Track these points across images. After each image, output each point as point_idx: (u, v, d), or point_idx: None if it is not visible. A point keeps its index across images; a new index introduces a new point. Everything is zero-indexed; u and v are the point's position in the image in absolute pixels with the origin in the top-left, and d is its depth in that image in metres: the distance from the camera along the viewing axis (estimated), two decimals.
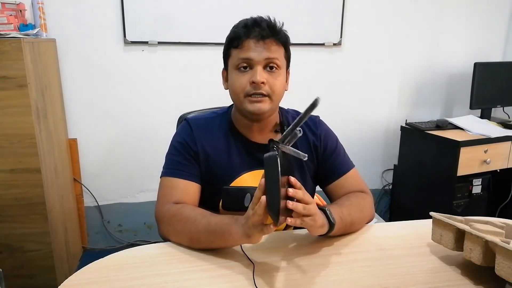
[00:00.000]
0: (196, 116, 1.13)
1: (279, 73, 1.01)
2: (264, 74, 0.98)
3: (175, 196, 1.00)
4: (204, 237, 0.90)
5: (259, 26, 0.98)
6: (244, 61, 0.98)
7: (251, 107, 0.99)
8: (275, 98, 1.01)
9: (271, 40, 0.99)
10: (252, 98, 0.99)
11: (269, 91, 0.99)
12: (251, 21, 1.00)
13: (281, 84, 1.02)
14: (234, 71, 1.01)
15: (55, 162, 1.92)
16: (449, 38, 2.64)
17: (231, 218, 0.88)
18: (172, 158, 1.06)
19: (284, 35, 1.02)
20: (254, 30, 0.98)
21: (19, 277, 1.81)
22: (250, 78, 0.98)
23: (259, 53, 0.97)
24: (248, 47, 0.98)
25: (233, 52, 1.01)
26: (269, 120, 1.07)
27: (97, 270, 0.85)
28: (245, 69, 0.99)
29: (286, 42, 1.03)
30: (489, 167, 2.23)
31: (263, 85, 0.98)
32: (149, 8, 2.12)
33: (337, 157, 1.12)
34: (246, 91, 0.99)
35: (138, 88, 2.24)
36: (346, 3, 2.37)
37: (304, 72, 2.43)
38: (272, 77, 0.99)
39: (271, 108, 1.02)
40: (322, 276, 0.84)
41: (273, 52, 0.99)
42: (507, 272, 0.73)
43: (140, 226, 2.42)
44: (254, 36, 0.97)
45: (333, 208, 0.96)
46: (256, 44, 0.98)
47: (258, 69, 0.97)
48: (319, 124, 1.15)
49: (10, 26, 1.73)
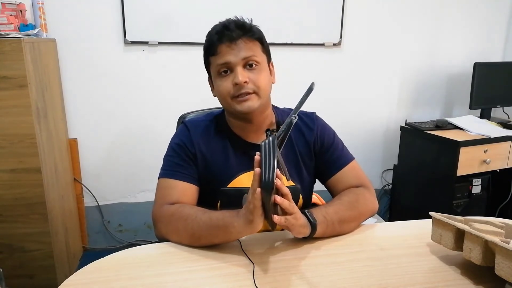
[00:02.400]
0: (193, 119, 1.15)
1: (260, 68, 1.01)
2: (245, 73, 0.99)
3: (172, 197, 1.00)
4: (206, 233, 0.91)
5: (228, 29, 1.00)
6: (223, 66, 1.00)
7: (240, 107, 1.00)
8: (262, 93, 1.01)
9: (244, 39, 1.00)
10: (239, 99, 1.00)
11: (254, 87, 1.00)
12: (220, 26, 1.02)
13: (265, 79, 1.02)
14: (216, 77, 1.03)
15: (55, 162, 1.92)
16: (449, 38, 2.64)
17: (232, 211, 0.90)
18: (170, 159, 1.06)
19: (257, 30, 1.03)
20: (224, 34, 0.99)
21: (19, 277, 1.81)
22: (233, 80, 0.99)
23: (235, 55, 0.99)
24: (223, 52, 0.99)
25: (211, 60, 1.03)
26: (263, 119, 1.07)
27: (97, 270, 0.85)
28: (226, 73, 1.00)
29: (260, 36, 1.04)
30: (489, 167, 2.23)
31: (246, 84, 0.99)
32: (149, 8, 2.12)
33: (334, 151, 1.12)
34: (231, 94, 1.00)
35: (138, 88, 2.24)
36: (346, 3, 2.37)
37: (304, 72, 2.43)
38: (254, 74, 1.00)
39: (261, 103, 1.02)
40: (322, 276, 0.84)
41: (248, 50, 0.99)
42: (507, 272, 0.73)
43: (140, 226, 2.42)
44: (226, 40, 0.99)
45: (318, 208, 0.98)
46: (229, 47, 0.99)
47: (238, 70, 0.99)
48: (315, 119, 1.15)
49: (11, 26, 1.73)
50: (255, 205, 0.82)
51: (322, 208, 0.99)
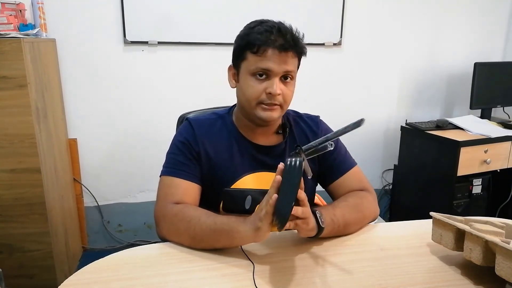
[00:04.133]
0: (198, 117, 1.12)
1: (292, 83, 1.01)
2: (280, 85, 0.98)
3: (175, 196, 0.99)
4: (208, 236, 0.90)
5: (283, 37, 0.95)
6: (263, 70, 0.97)
7: (263, 114, 1.00)
8: (285, 107, 1.02)
9: (293, 52, 0.97)
10: (266, 107, 0.99)
11: (282, 101, 0.99)
12: (276, 29, 0.96)
13: (293, 93, 1.02)
14: (248, 76, 0.99)
15: (55, 162, 1.92)
16: (449, 38, 2.64)
17: (239, 218, 0.89)
18: (173, 157, 1.05)
19: (302, 47, 1.01)
20: (277, 40, 0.95)
21: (19, 277, 1.80)
22: (267, 88, 0.97)
23: (279, 65, 0.96)
24: (268, 57, 0.95)
25: (249, 56, 0.98)
26: (273, 123, 1.07)
27: (97, 270, 0.85)
28: (261, 77, 0.98)
29: (302, 53, 1.02)
30: (489, 167, 2.23)
31: (279, 96, 0.98)
32: (149, 8, 2.12)
33: (337, 156, 1.12)
34: (260, 99, 0.99)
35: (138, 88, 2.24)
36: (346, 3, 2.37)
37: (304, 72, 2.41)
38: (286, 88, 0.99)
39: (280, 115, 1.03)
40: (322, 276, 0.84)
41: (291, 65, 0.98)
42: (507, 272, 0.73)
43: (140, 226, 2.42)
44: (276, 46, 0.95)
45: (326, 209, 0.96)
46: (277, 55, 0.95)
47: (276, 81, 0.97)
48: (319, 123, 1.15)
49: (10, 26, 1.72)
50: (267, 211, 0.80)
51: (330, 209, 0.97)
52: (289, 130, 1.11)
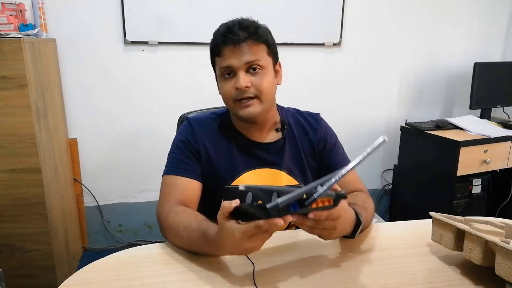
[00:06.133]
0: (197, 116, 1.14)
1: (264, 73, 1.00)
2: (247, 77, 0.98)
3: (176, 195, 1.00)
4: (192, 245, 0.88)
5: (231, 32, 0.97)
6: (226, 69, 0.99)
7: (242, 112, 1.00)
8: (264, 97, 1.01)
9: (248, 42, 0.97)
10: (241, 104, 1.00)
11: (256, 92, 0.99)
12: (224, 28, 1.00)
13: (269, 83, 1.01)
14: (220, 78, 1.03)
15: (55, 162, 1.92)
16: (449, 38, 2.64)
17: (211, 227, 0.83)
18: (174, 156, 1.06)
19: (263, 33, 1.00)
20: (229, 36, 0.97)
21: (19, 277, 1.81)
22: (235, 84, 0.98)
23: (238, 59, 0.97)
24: (226, 55, 0.98)
25: (216, 60, 1.03)
26: (266, 119, 1.07)
27: (97, 270, 0.85)
28: (229, 75, 1.00)
29: (267, 39, 1.01)
30: (489, 167, 2.23)
31: (248, 88, 0.98)
32: (149, 8, 2.12)
33: (336, 154, 1.13)
34: (233, 97, 1.00)
35: (138, 88, 2.24)
36: (346, 3, 2.37)
37: (304, 72, 2.43)
38: (257, 78, 0.99)
39: (263, 108, 1.02)
40: (322, 276, 0.84)
41: (252, 55, 0.97)
42: (507, 272, 0.73)
43: (140, 226, 2.42)
44: (229, 42, 0.97)
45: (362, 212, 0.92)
46: (233, 51, 0.97)
47: (240, 74, 0.98)
48: (320, 121, 1.16)
49: (10, 26, 1.72)
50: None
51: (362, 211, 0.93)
52: (288, 127, 1.12)
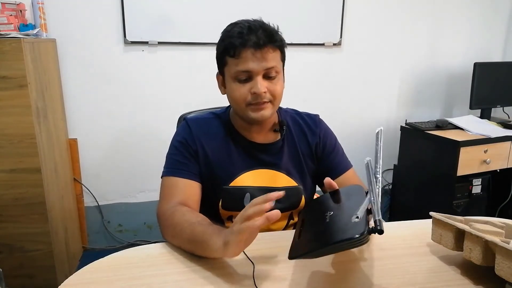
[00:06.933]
0: (195, 116, 1.14)
1: (278, 78, 1.00)
2: (264, 82, 0.97)
3: (175, 196, 1.00)
4: (188, 246, 0.88)
5: (255, 34, 0.94)
6: (244, 73, 0.97)
7: (254, 115, 1.00)
8: (276, 102, 1.02)
9: (269, 47, 0.96)
10: (255, 107, 0.99)
11: (270, 97, 0.99)
12: (246, 29, 0.95)
13: (282, 88, 1.02)
14: (232, 81, 0.99)
15: (55, 162, 1.92)
16: (449, 38, 2.64)
17: (216, 229, 0.84)
18: (172, 157, 1.06)
19: (280, 39, 0.99)
20: (250, 39, 0.94)
21: (19, 277, 1.81)
22: (251, 89, 0.97)
23: (258, 64, 0.95)
24: (245, 58, 0.95)
25: (229, 61, 0.98)
26: (268, 120, 1.07)
27: (97, 270, 0.84)
28: (244, 79, 0.97)
29: (282, 45, 1.01)
30: (489, 167, 2.23)
31: (265, 94, 0.97)
32: (149, 8, 2.12)
33: (335, 156, 1.13)
34: (247, 101, 0.99)
35: (138, 88, 2.24)
36: (346, 3, 2.37)
37: (304, 72, 2.43)
38: (273, 84, 0.99)
39: (273, 112, 1.03)
40: (322, 276, 0.84)
41: (271, 61, 0.96)
42: (507, 272, 0.73)
43: (140, 226, 2.42)
44: (250, 45, 0.94)
45: None
46: (254, 54, 0.94)
47: (258, 79, 0.96)
48: (319, 122, 1.15)
49: (10, 26, 1.72)
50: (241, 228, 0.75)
51: None
52: (287, 128, 1.11)
